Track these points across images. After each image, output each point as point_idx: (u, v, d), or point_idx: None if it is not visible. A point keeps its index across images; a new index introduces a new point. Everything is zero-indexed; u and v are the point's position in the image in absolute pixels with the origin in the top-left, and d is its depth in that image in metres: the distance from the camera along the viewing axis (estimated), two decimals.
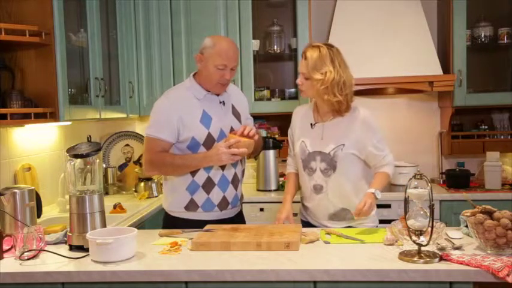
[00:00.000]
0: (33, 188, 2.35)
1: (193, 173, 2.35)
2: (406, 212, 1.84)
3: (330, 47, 2.28)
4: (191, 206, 2.37)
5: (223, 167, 2.37)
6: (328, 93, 2.23)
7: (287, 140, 3.62)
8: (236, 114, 2.46)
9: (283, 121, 3.92)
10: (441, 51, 3.68)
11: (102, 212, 2.06)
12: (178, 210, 2.41)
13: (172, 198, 2.42)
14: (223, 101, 2.42)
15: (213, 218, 2.38)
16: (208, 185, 2.36)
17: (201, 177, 2.35)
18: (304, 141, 2.36)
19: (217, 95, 2.41)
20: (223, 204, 2.40)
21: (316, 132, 2.35)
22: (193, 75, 2.44)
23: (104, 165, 3.53)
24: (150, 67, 3.60)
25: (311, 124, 2.37)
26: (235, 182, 2.43)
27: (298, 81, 2.33)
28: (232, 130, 2.37)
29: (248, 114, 2.59)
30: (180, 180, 2.37)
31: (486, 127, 3.71)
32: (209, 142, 2.33)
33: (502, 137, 3.68)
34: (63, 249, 2.00)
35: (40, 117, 2.43)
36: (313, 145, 2.33)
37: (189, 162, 2.33)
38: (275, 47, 3.75)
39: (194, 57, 2.40)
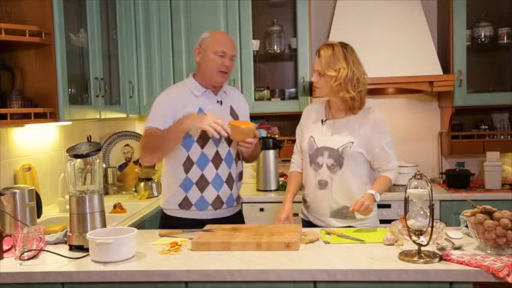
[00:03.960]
0: (33, 188, 2.35)
1: (187, 170, 2.37)
2: (406, 212, 1.84)
3: (344, 45, 2.31)
4: (185, 203, 2.39)
5: (217, 167, 2.38)
6: (342, 90, 2.26)
7: (287, 140, 3.69)
8: (234, 116, 2.48)
9: (283, 121, 3.93)
10: (441, 51, 3.68)
11: (102, 212, 2.05)
12: (173, 208, 2.42)
13: (167, 195, 2.45)
14: (221, 101, 2.44)
15: (207, 217, 2.39)
16: (201, 183, 2.37)
17: (194, 174, 2.37)
18: (313, 136, 2.37)
19: (217, 91, 2.42)
20: (218, 203, 2.40)
21: (326, 128, 2.37)
22: (193, 75, 2.48)
23: (104, 165, 3.53)
24: (150, 67, 3.60)
25: (322, 120, 2.39)
26: (230, 181, 2.44)
27: (313, 78, 2.37)
28: None
29: (248, 119, 2.60)
30: (174, 177, 2.39)
31: (486, 127, 3.71)
32: (203, 139, 2.34)
33: (502, 137, 3.68)
34: (63, 249, 2.00)
35: (40, 117, 2.43)
36: (322, 140, 2.34)
37: (171, 128, 2.29)
38: (275, 47, 3.75)
39: (193, 50, 2.43)
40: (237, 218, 2.53)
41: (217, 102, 2.43)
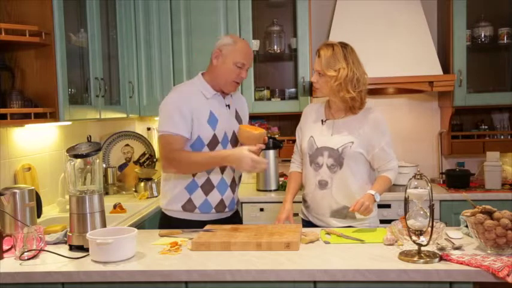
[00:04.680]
0: (33, 188, 2.35)
1: (194, 173, 2.35)
2: (406, 212, 1.84)
3: (343, 45, 2.32)
4: (188, 206, 2.37)
5: (222, 171, 2.38)
6: (342, 90, 2.27)
7: (287, 140, 3.69)
8: (239, 120, 2.47)
9: (283, 121, 3.94)
10: (441, 51, 3.68)
11: (102, 212, 2.06)
12: (175, 209, 2.40)
13: (170, 196, 2.42)
14: (228, 105, 2.43)
15: (209, 218, 2.38)
16: (207, 187, 2.36)
17: (201, 177, 2.35)
18: (313, 136, 2.37)
19: (225, 95, 2.41)
20: (221, 207, 2.40)
21: (326, 128, 2.37)
22: (202, 74, 2.43)
23: (104, 165, 3.53)
24: (150, 67, 3.60)
25: (322, 120, 2.39)
26: (233, 185, 2.44)
27: (313, 78, 2.36)
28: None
29: (247, 122, 2.60)
30: (179, 179, 2.37)
31: (486, 127, 3.72)
32: (213, 143, 2.33)
33: (502, 137, 3.68)
34: (63, 249, 2.00)
35: (40, 117, 2.42)
36: (322, 140, 2.34)
37: (208, 160, 2.28)
38: (275, 47, 3.75)
39: (212, 52, 2.36)
40: (235, 218, 2.53)
41: (226, 105, 2.41)
